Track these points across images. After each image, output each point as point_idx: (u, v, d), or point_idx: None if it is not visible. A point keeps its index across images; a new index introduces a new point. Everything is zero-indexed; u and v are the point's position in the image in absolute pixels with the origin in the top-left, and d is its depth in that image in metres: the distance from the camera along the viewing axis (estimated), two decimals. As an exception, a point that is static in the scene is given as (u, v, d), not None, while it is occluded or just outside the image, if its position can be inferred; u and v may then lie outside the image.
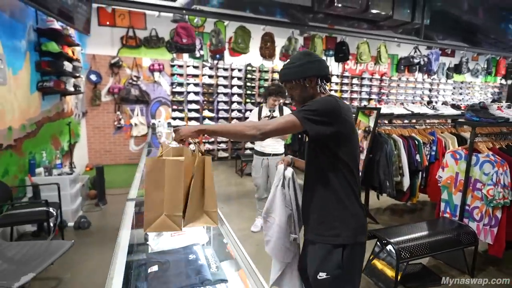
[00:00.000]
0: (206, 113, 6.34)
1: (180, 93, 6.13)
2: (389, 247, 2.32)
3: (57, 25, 3.39)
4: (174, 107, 6.11)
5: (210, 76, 6.34)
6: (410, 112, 3.55)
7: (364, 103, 8.20)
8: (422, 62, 6.93)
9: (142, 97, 5.61)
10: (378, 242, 2.41)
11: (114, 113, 5.61)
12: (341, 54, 6.03)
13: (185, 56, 6.04)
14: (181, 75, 6.07)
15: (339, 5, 5.40)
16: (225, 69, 6.45)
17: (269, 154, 3.09)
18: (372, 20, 6.56)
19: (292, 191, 1.31)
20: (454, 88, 9.83)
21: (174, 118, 6.08)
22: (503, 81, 10.10)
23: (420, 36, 6.97)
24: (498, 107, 2.51)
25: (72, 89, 3.98)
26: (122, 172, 5.38)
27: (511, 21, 8.76)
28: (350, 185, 1.18)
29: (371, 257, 2.40)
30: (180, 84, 6.08)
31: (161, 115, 6.04)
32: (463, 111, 4.18)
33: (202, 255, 1.13)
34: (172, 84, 6.02)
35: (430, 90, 9.38)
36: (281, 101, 3.07)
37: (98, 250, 2.83)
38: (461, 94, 9.97)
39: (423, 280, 2.36)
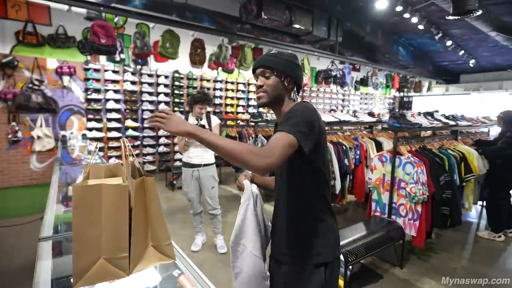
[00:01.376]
0: (129, 122, 5.72)
1: (97, 100, 5.37)
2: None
3: None
4: (90, 116, 5.31)
5: (133, 83, 5.75)
6: (338, 120, 3.82)
7: (290, 111, 8.67)
8: (338, 75, 7.70)
9: (47, 105, 4.71)
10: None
11: (7, 123, 4.54)
12: (270, 64, 6.23)
13: (103, 59, 5.35)
14: (98, 80, 5.33)
15: (265, 17, 5.60)
16: (150, 75, 5.96)
17: (199, 165, 2.87)
18: (295, 34, 7.02)
19: (260, 210, 1.17)
20: (361, 98, 11.26)
21: (90, 129, 5.29)
22: (397, 93, 12.05)
23: (335, 51, 7.74)
24: (412, 114, 2.88)
25: None
26: (21, 196, 4.38)
27: (400, 44, 10.53)
28: (324, 196, 1.11)
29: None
30: (97, 91, 5.33)
31: (73, 125, 5.17)
32: (377, 118, 4.74)
33: (158, 304, 0.89)
34: (86, 90, 5.23)
35: (343, 100, 10.51)
36: (208, 109, 2.94)
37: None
38: (366, 104, 11.47)
39: (364, 278, 2.49)
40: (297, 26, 6.50)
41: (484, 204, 3.65)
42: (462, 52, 9.11)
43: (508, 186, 3.29)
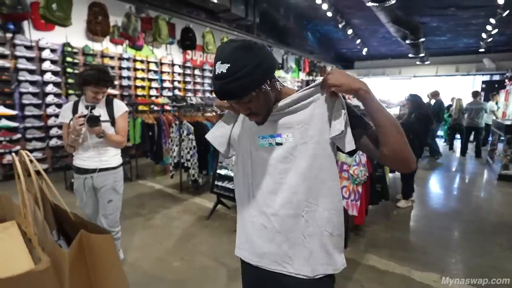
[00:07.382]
0: (1, 109, 4.30)
1: None
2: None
3: None
4: None
5: (3, 56, 4.30)
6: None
7: (207, 95, 8.18)
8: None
9: None
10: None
11: None
12: (188, 41, 5.60)
13: None
14: None
15: (182, -14, 4.93)
16: (29, 48, 4.56)
17: (93, 170, 2.07)
18: (212, 10, 6.50)
19: None
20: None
21: None
22: (305, 77, 12.90)
23: (253, 32, 7.57)
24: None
25: None
26: None
27: (309, 29, 11.13)
28: None
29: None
30: None
31: None
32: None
33: None
34: None
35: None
36: (113, 92, 2.19)
37: None
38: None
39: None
40: (215, 1, 6.01)
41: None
42: (359, 41, 10.24)
43: (416, 156, 3.80)
